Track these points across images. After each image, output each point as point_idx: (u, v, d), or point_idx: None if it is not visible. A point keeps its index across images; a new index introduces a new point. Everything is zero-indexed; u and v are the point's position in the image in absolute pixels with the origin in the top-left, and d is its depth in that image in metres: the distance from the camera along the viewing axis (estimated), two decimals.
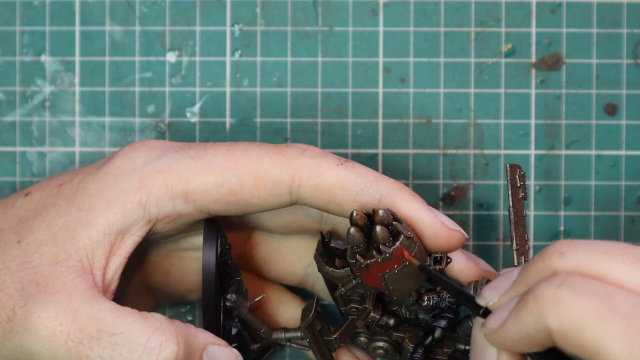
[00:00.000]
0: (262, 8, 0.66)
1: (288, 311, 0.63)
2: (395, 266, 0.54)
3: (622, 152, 0.66)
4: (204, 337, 0.56)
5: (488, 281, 0.55)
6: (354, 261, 0.54)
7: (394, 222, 0.54)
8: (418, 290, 0.56)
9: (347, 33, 0.66)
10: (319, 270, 0.57)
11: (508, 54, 0.66)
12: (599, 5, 0.66)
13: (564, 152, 0.66)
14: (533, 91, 0.66)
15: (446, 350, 0.57)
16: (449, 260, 0.56)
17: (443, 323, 0.57)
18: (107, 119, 0.66)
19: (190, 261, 0.62)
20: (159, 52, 0.66)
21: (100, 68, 0.66)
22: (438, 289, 0.57)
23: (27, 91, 0.66)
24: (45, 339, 0.54)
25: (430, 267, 0.55)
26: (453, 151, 0.66)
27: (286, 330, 0.60)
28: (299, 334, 0.59)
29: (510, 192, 0.57)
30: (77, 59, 0.66)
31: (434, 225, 0.55)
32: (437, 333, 0.57)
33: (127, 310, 0.55)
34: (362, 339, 0.59)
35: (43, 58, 0.66)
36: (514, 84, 0.66)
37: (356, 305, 0.57)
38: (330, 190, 0.55)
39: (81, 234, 0.56)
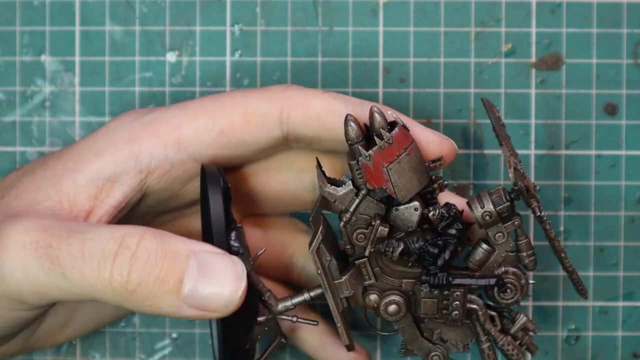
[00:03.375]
0: (262, 8, 0.66)
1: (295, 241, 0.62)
2: (397, 154, 0.54)
3: (622, 152, 0.66)
4: (191, 244, 0.52)
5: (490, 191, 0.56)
6: (355, 161, 0.54)
7: (389, 112, 0.55)
8: (423, 207, 0.56)
9: (347, 33, 0.66)
10: (321, 190, 0.56)
11: (508, 54, 0.66)
12: (599, 5, 0.66)
13: (564, 152, 0.66)
14: (533, 91, 0.66)
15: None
16: (445, 183, 0.56)
17: (454, 232, 0.56)
18: (107, 119, 0.66)
19: (192, 221, 0.62)
20: (159, 52, 0.66)
21: (100, 68, 0.66)
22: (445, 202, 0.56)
23: (27, 91, 0.66)
24: (15, 253, 0.52)
25: (431, 165, 0.55)
26: None
27: (292, 296, 0.57)
28: (306, 297, 0.57)
29: (491, 117, 0.58)
30: (77, 59, 0.66)
31: (424, 133, 0.56)
32: (451, 246, 0.56)
33: (99, 224, 0.54)
34: (372, 296, 0.57)
35: (43, 58, 0.66)
36: (514, 84, 0.66)
37: (363, 230, 0.56)
38: (319, 116, 0.56)
39: (66, 179, 0.55)
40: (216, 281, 0.52)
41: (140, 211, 0.58)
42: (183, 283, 0.51)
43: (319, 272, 0.56)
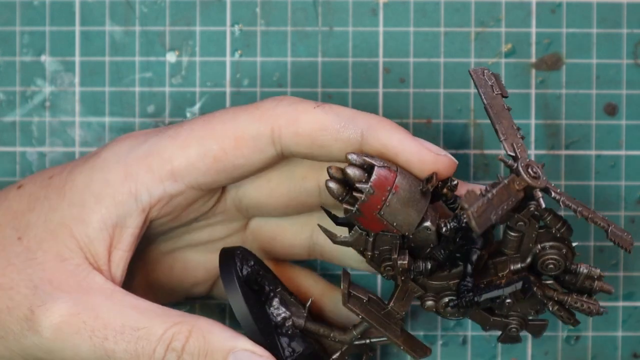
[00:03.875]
0: (262, 8, 0.66)
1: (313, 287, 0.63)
2: (383, 198, 0.53)
3: (622, 152, 0.66)
4: (232, 339, 0.55)
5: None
6: (349, 215, 0.54)
7: (364, 158, 0.54)
8: (435, 223, 0.55)
9: (347, 33, 0.66)
10: (334, 242, 0.56)
11: (508, 54, 0.66)
12: (599, 5, 0.66)
13: (564, 152, 0.66)
14: (533, 91, 0.66)
15: (500, 274, 0.56)
16: (454, 183, 0.55)
17: (474, 240, 0.56)
18: (107, 119, 0.66)
19: (193, 254, 0.62)
20: (159, 52, 0.66)
21: (100, 68, 0.66)
22: (454, 212, 0.56)
23: (27, 91, 0.66)
24: (68, 336, 0.54)
25: (424, 188, 0.54)
26: (453, 151, 0.66)
27: (354, 326, 0.58)
28: (366, 325, 0.57)
29: (480, 93, 0.56)
30: (77, 59, 0.66)
31: (419, 152, 0.54)
32: (474, 255, 0.55)
33: (148, 304, 0.55)
34: (429, 302, 0.57)
35: (43, 58, 0.66)
36: (514, 84, 0.66)
37: (388, 263, 0.56)
38: (310, 133, 0.55)
39: (79, 233, 0.56)
40: None
41: (144, 235, 0.59)
42: None
43: (360, 317, 0.57)
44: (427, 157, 0.55)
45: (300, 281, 0.63)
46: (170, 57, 0.66)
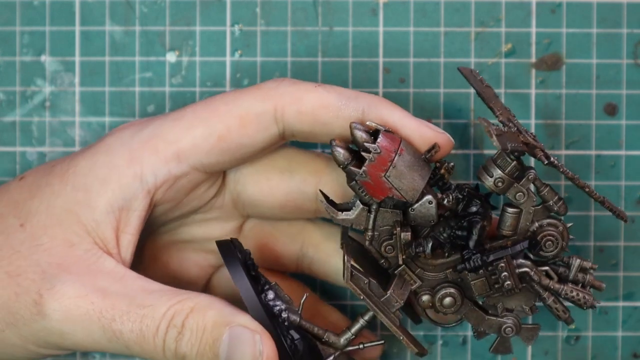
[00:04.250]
0: (262, 8, 0.66)
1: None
2: (389, 160, 0.54)
3: (622, 152, 0.66)
4: (231, 315, 0.55)
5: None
6: (354, 182, 0.54)
7: (367, 123, 0.55)
8: (436, 197, 0.55)
9: (347, 33, 0.66)
10: (334, 220, 0.56)
11: (508, 54, 0.66)
12: (599, 5, 0.66)
13: (564, 152, 0.66)
14: (533, 91, 0.66)
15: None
16: (451, 165, 0.56)
17: (475, 209, 0.56)
18: (107, 119, 0.66)
19: (189, 252, 0.62)
20: (159, 52, 0.66)
21: (100, 68, 0.66)
22: (449, 185, 0.56)
23: (27, 91, 0.66)
24: (78, 318, 0.55)
25: (427, 155, 0.55)
26: (453, 151, 0.66)
27: (349, 326, 0.58)
28: (362, 323, 0.57)
29: (471, 83, 0.58)
30: (77, 59, 0.66)
31: (419, 128, 0.56)
32: (477, 225, 0.56)
33: (158, 285, 0.56)
34: (424, 297, 0.57)
35: (43, 58, 0.66)
36: (514, 84, 0.66)
37: (389, 242, 0.56)
38: (313, 111, 0.56)
39: (86, 217, 0.56)
40: (240, 356, 0.55)
41: (147, 221, 0.59)
42: (219, 356, 0.55)
43: (362, 297, 0.56)
44: (427, 133, 0.56)
45: (289, 220, 0.63)
46: (170, 57, 0.66)
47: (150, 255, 0.62)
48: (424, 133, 0.56)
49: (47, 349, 0.57)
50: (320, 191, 0.57)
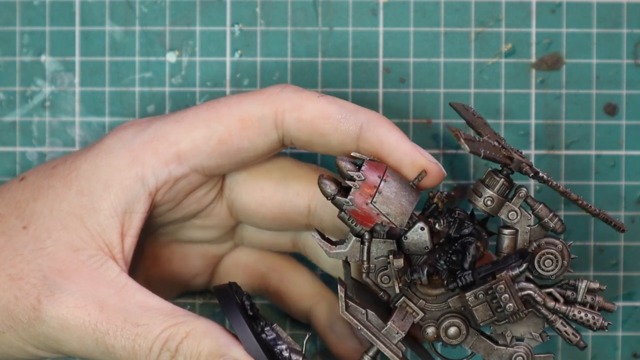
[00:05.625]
0: (262, 8, 0.66)
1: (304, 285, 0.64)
2: (375, 186, 0.54)
3: (622, 152, 0.66)
4: (226, 346, 0.55)
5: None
6: (343, 212, 0.54)
7: (352, 154, 0.55)
8: (427, 224, 0.55)
9: (347, 33, 0.66)
10: (328, 254, 0.56)
11: (508, 54, 0.66)
12: (599, 5, 0.66)
13: (564, 152, 0.66)
14: (533, 91, 0.66)
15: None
16: (445, 194, 0.56)
17: (467, 231, 0.55)
18: (107, 119, 0.66)
19: (190, 245, 0.62)
20: (159, 52, 0.66)
21: (100, 68, 0.66)
22: (441, 210, 0.56)
23: (27, 91, 0.66)
24: (74, 328, 0.55)
25: (414, 181, 0.55)
26: (453, 151, 0.66)
27: (364, 353, 0.57)
28: (368, 358, 0.57)
29: (462, 116, 0.57)
30: (77, 59, 0.66)
31: (412, 153, 0.55)
32: (472, 248, 0.55)
33: (157, 301, 0.56)
34: (429, 329, 0.57)
35: (43, 58, 0.66)
36: (514, 84, 0.66)
37: (385, 272, 0.56)
38: (312, 120, 0.56)
39: (91, 222, 0.56)
40: None
41: (146, 221, 0.59)
42: None
43: (359, 328, 0.56)
44: (419, 160, 0.55)
45: (295, 277, 0.63)
46: (170, 57, 0.66)
47: (151, 254, 0.62)
48: (416, 159, 0.55)
49: (47, 352, 0.57)
50: (316, 230, 0.56)
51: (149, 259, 0.62)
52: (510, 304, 0.55)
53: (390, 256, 0.55)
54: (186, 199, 0.59)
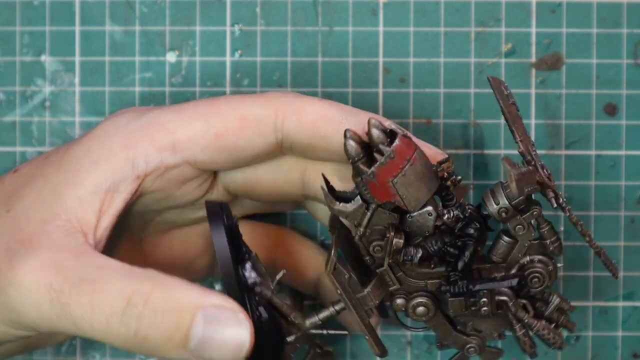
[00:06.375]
0: (262, 8, 0.66)
1: (309, 259, 0.63)
2: (401, 167, 0.52)
3: (622, 152, 0.66)
4: (201, 295, 0.52)
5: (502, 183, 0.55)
6: (360, 178, 0.53)
7: (386, 124, 0.53)
8: (437, 210, 0.55)
9: (347, 33, 0.66)
10: (330, 208, 0.55)
11: (508, 54, 0.66)
12: (599, 5, 0.66)
13: (564, 152, 0.66)
14: (533, 91, 0.66)
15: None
16: (459, 178, 0.55)
17: (471, 232, 0.55)
18: None
19: (191, 228, 0.62)
20: (159, 52, 0.66)
21: (100, 68, 0.66)
22: (456, 201, 0.55)
23: (27, 91, 0.66)
24: (29, 292, 0.53)
25: (438, 168, 0.54)
26: (453, 151, 0.66)
27: (318, 311, 0.57)
28: (332, 311, 0.57)
29: (498, 98, 0.56)
30: (77, 59, 0.66)
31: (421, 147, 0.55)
32: (469, 249, 0.55)
33: (116, 263, 0.53)
34: (399, 300, 0.57)
35: (43, 58, 0.66)
36: (514, 84, 0.66)
37: (379, 242, 0.55)
38: (313, 122, 0.56)
39: (70, 195, 0.55)
40: (221, 337, 0.52)
41: (138, 210, 0.58)
42: (190, 338, 0.52)
43: (339, 292, 0.56)
44: (427, 152, 0.55)
45: (301, 250, 0.64)
46: (170, 57, 0.66)
47: (150, 243, 0.62)
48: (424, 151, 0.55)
49: (15, 329, 0.55)
50: (323, 175, 0.56)
51: (149, 247, 0.62)
52: (486, 308, 0.56)
53: (392, 233, 0.54)
54: (178, 190, 0.58)
